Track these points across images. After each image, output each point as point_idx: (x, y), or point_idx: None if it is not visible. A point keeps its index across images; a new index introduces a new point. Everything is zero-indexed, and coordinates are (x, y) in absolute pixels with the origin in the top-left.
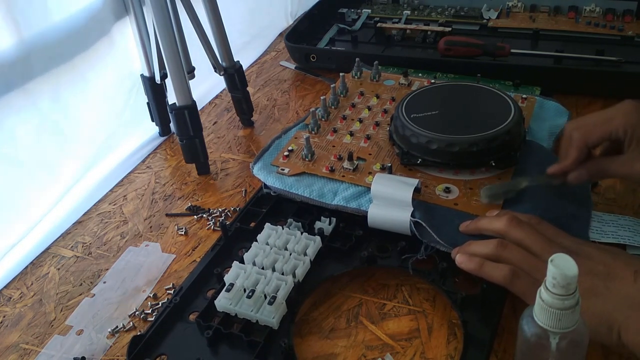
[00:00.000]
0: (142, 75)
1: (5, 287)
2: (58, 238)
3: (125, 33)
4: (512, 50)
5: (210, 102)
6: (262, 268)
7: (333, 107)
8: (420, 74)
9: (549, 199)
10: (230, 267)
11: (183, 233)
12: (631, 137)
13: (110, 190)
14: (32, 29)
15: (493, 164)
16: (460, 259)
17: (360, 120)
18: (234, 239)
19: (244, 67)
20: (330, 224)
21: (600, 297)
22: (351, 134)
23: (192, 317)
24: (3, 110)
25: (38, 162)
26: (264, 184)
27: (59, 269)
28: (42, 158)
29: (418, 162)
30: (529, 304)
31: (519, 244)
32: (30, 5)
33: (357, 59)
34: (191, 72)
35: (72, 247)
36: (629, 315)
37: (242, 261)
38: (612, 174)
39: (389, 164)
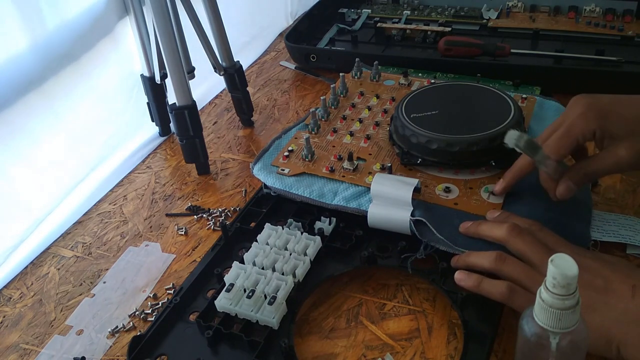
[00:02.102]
0: (142, 75)
1: (5, 287)
2: (58, 238)
3: (126, 33)
4: (512, 50)
5: (210, 102)
6: (262, 268)
7: (333, 107)
8: (420, 74)
9: (550, 198)
10: (230, 267)
11: (183, 233)
12: (601, 135)
13: (111, 190)
14: (45, 29)
15: (493, 163)
16: (459, 276)
17: (360, 121)
18: (234, 239)
19: (244, 67)
20: (330, 224)
21: (598, 312)
22: (351, 134)
23: (192, 317)
24: (24, 111)
25: (47, 162)
26: (264, 184)
27: (59, 269)
28: (51, 158)
29: (418, 162)
30: None
31: (519, 254)
32: (44, 4)
33: (357, 59)
34: (191, 72)
35: (72, 247)
36: (627, 332)
37: (242, 261)
38: (598, 172)
39: (389, 164)
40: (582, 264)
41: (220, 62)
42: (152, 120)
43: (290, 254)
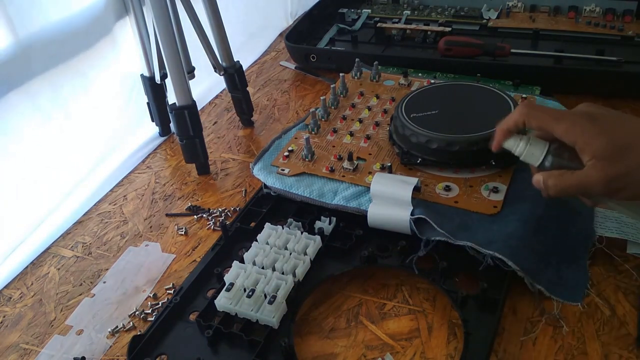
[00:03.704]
0: (142, 75)
1: (5, 287)
2: (58, 238)
3: (126, 33)
4: (512, 50)
5: (210, 102)
6: (262, 268)
7: (333, 107)
8: (420, 74)
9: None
10: (230, 266)
11: (183, 233)
12: (582, 150)
13: (111, 190)
14: (28, 28)
15: (493, 162)
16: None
17: (360, 121)
18: (234, 239)
19: (244, 67)
20: (330, 223)
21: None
22: (351, 134)
23: (192, 316)
24: (6, 110)
25: (42, 163)
26: (264, 184)
27: (59, 269)
28: (46, 158)
29: (418, 161)
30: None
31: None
32: (25, 4)
33: (357, 59)
34: (191, 72)
35: (72, 247)
36: None
37: (242, 261)
38: (572, 190)
39: (389, 164)
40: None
41: (220, 62)
42: (152, 120)
43: (290, 254)
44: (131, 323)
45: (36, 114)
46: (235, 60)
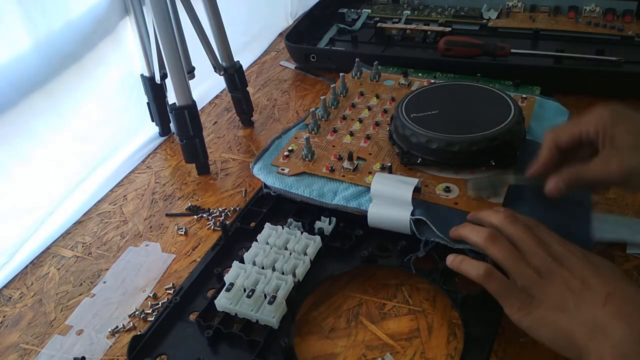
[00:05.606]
0: (142, 75)
1: (5, 287)
2: (58, 238)
3: (127, 33)
4: (512, 50)
5: (210, 102)
6: (262, 268)
7: (333, 107)
8: (420, 74)
9: (549, 198)
10: (230, 266)
11: (183, 233)
12: (603, 138)
13: (111, 190)
14: (49, 29)
15: (493, 163)
16: (449, 257)
17: (360, 120)
18: (234, 239)
19: (244, 67)
20: (330, 223)
21: (567, 313)
22: (351, 134)
23: (192, 316)
24: (27, 111)
25: (48, 162)
26: (264, 184)
27: (59, 269)
28: (52, 158)
29: (418, 161)
30: (502, 305)
31: (510, 240)
32: (47, 4)
33: (357, 59)
34: (191, 72)
35: (72, 247)
36: (591, 340)
37: (242, 261)
38: (587, 179)
39: (389, 164)
40: (567, 262)
41: (220, 62)
42: (152, 120)
43: (290, 254)
44: (131, 323)
45: (52, 114)
46: (235, 60)
